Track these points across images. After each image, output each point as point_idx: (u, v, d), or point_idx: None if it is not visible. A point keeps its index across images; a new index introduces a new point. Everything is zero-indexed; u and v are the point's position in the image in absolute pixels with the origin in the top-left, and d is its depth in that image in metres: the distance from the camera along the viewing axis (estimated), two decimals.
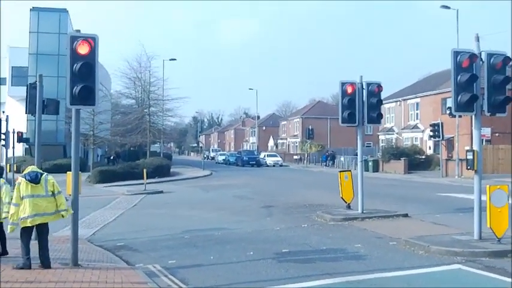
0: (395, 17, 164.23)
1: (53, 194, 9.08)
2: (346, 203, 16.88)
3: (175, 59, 53.57)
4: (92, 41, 9.37)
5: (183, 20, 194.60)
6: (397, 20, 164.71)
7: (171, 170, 44.28)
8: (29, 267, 8.82)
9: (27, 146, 45.29)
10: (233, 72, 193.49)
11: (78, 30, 9.75)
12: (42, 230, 9.10)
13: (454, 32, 36.56)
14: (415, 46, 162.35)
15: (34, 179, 8.96)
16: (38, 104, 12.70)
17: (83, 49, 9.30)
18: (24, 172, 9.16)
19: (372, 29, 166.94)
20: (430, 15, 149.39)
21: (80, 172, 9.92)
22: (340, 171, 17.60)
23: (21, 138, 30.38)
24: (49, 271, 8.76)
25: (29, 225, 8.86)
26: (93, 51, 9.38)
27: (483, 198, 10.95)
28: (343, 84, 16.12)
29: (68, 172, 10.77)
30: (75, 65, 9.25)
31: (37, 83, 12.95)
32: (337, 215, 15.88)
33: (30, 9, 48.71)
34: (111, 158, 52.42)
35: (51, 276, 8.43)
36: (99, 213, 18.09)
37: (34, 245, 9.08)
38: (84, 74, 9.30)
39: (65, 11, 49.82)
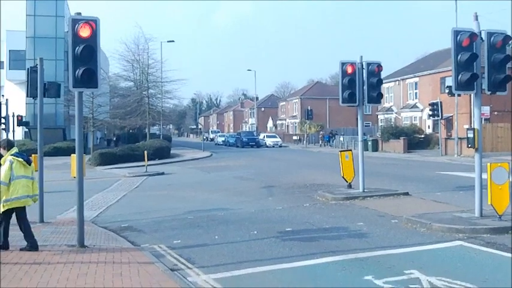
0: None
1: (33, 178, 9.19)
2: (347, 182, 17.01)
3: (173, 41, 53.62)
4: (93, 23, 9.36)
5: (182, 2, 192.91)
6: (398, 1, 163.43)
7: (171, 151, 44.30)
8: (37, 249, 8.93)
9: (27, 130, 45.38)
10: (232, 54, 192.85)
11: (79, 13, 9.71)
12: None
13: (457, 15, 36.14)
14: (415, 28, 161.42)
15: (27, 160, 9.01)
16: (40, 88, 12.72)
17: (85, 32, 9.30)
18: (10, 153, 8.91)
19: (372, 9, 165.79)
20: None
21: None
22: (341, 151, 17.71)
23: (21, 122, 30.45)
24: (56, 253, 8.88)
25: (22, 205, 8.80)
26: (94, 34, 9.38)
27: (483, 176, 11.07)
28: (343, 64, 16.11)
29: (72, 154, 10.83)
30: (77, 48, 9.26)
31: (37, 66, 12.95)
32: (339, 194, 16.00)
33: None
34: (114, 139, 52.63)
35: (58, 257, 8.55)
36: (102, 196, 18.17)
37: (36, 228, 9.12)
38: (86, 56, 9.32)
39: None
